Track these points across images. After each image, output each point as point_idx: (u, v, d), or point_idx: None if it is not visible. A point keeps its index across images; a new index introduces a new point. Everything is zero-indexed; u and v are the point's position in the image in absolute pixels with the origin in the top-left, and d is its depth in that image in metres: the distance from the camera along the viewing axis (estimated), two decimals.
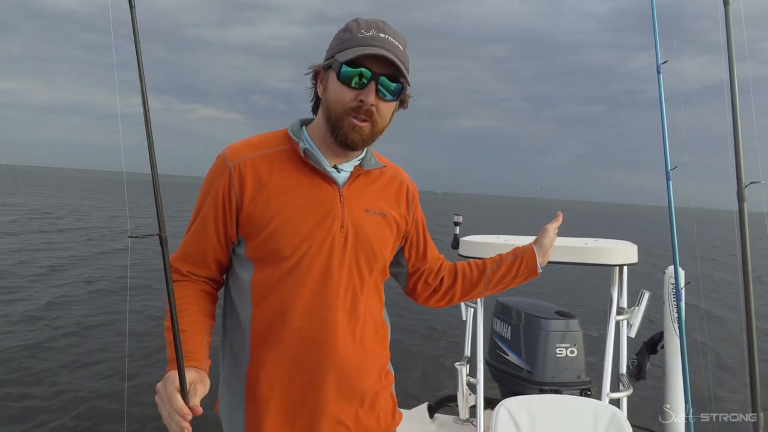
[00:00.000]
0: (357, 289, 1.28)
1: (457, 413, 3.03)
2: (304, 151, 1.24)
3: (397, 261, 1.49)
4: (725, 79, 1.91)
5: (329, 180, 1.27)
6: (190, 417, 1.01)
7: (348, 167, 1.31)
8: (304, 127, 1.33)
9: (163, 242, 1.08)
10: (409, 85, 1.25)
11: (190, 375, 1.07)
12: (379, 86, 1.18)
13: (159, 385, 1.05)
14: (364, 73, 1.17)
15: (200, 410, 1.04)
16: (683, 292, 2.67)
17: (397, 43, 1.19)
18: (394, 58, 1.16)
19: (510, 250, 1.55)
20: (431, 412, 3.16)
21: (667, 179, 2.64)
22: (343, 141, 1.22)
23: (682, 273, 2.76)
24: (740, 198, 1.89)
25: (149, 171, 1.09)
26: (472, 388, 2.76)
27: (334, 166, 1.29)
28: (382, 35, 1.18)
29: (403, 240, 1.45)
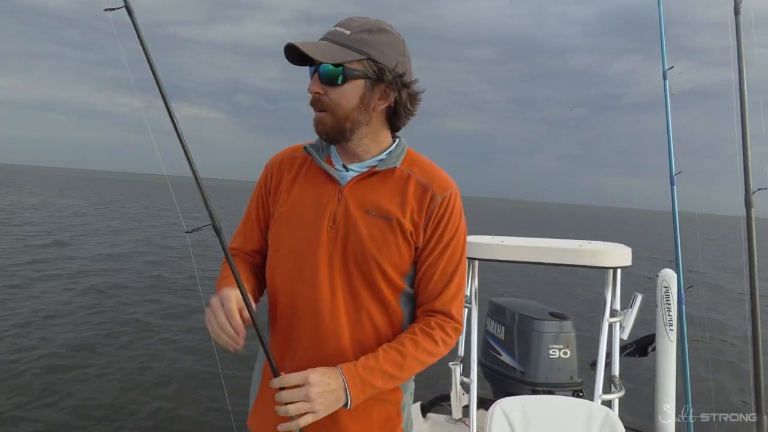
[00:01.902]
0: (349, 289, 1.25)
1: (450, 413, 3.04)
2: (304, 148, 1.33)
3: None
4: (733, 85, 1.93)
5: (332, 179, 1.30)
6: (244, 333, 1.14)
7: (359, 167, 1.30)
8: None
9: (217, 231, 1.17)
10: (356, 63, 1.19)
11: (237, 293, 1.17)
12: (320, 74, 1.20)
13: (214, 299, 1.15)
14: (312, 68, 1.22)
15: (250, 321, 1.16)
16: (684, 295, 2.69)
17: (341, 30, 1.20)
18: (296, 43, 1.16)
19: (510, 251, 1.53)
20: (424, 411, 3.17)
21: (672, 184, 2.65)
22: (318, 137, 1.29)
23: (675, 277, 2.79)
24: (748, 204, 1.91)
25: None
26: (466, 387, 2.77)
27: (344, 166, 1.31)
28: (332, 29, 1.22)
29: (416, 252, 1.29)
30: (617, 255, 2.69)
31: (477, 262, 2.77)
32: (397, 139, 1.34)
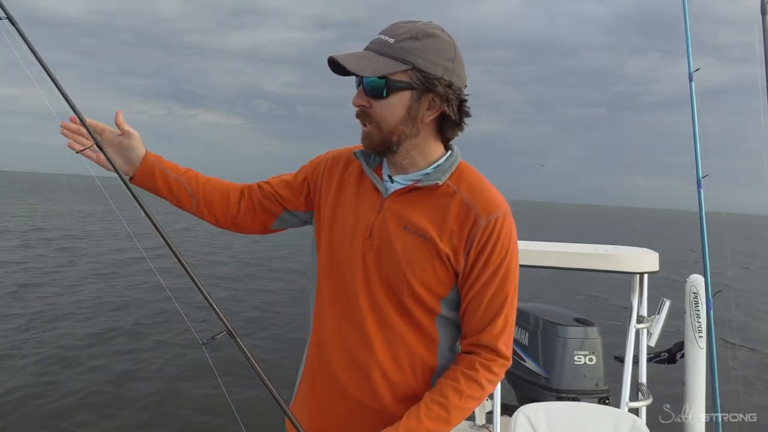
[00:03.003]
0: (380, 304, 1.20)
1: (473, 418, 3.02)
2: (354, 153, 1.29)
3: None
4: (760, 82, 1.89)
5: (376, 189, 1.25)
6: (69, 122, 1.31)
7: (404, 180, 1.23)
8: None
9: (233, 335, 1.17)
10: (399, 75, 1.12)
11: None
12: (364, 86, 1.15)
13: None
14: (357, 80, 1.16)
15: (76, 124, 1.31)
16: (712, 301, 2.64)
17: (385, 38, 1.13)
18: (336, 56, 1.11)
19: (534, 256, 1.47)
20: None
21: (698, 187, 2.58)
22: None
23: (702, 281, 2.73)
24: None
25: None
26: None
27: (390, 177, 1.25)
28: (376, 37, 1.15)
29: (457, 280, 1.21)
30: (644, 260, 2.65)
31: None
32: (449, 152, 1.25)
